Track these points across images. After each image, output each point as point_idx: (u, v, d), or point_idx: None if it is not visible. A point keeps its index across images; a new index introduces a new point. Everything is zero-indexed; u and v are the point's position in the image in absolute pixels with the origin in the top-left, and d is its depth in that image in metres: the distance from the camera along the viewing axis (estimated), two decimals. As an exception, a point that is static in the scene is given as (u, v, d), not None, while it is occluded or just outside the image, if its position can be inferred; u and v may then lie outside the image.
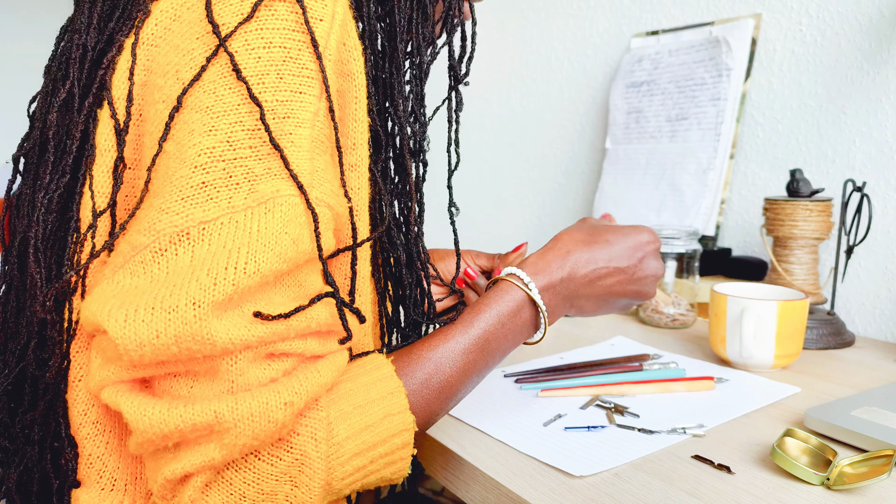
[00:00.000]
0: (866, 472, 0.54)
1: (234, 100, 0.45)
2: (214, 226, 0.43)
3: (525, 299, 0.60)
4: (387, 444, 0.49)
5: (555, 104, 1.61)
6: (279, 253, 0.44)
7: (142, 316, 0.41)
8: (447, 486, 0.63)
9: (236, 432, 0.42)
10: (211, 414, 0.42)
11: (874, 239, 1.03)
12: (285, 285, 0.47)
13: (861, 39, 1.04)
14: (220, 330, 0.42)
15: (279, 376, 0.45)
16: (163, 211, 0.44)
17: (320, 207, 0.47)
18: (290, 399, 0.44)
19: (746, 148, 1.20)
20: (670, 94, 1.29)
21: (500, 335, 0.58)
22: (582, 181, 1.55)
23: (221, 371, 0.43)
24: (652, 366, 0.83)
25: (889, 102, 1.02)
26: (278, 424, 0.43)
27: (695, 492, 0.54)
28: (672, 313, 1.04)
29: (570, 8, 1.55)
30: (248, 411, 0.42)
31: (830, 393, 0.76)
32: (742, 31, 1.19)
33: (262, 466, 0.44)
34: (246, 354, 0.44)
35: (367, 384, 0.50)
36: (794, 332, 0.80)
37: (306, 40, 0.47)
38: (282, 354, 0.46)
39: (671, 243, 1.06)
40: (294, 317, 0.45)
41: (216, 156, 0.44)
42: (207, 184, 0.44)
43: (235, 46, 0.45)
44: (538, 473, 0.57)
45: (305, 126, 0.46)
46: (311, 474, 0.45)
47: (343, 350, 0.51)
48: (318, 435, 0.46)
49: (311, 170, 0.47)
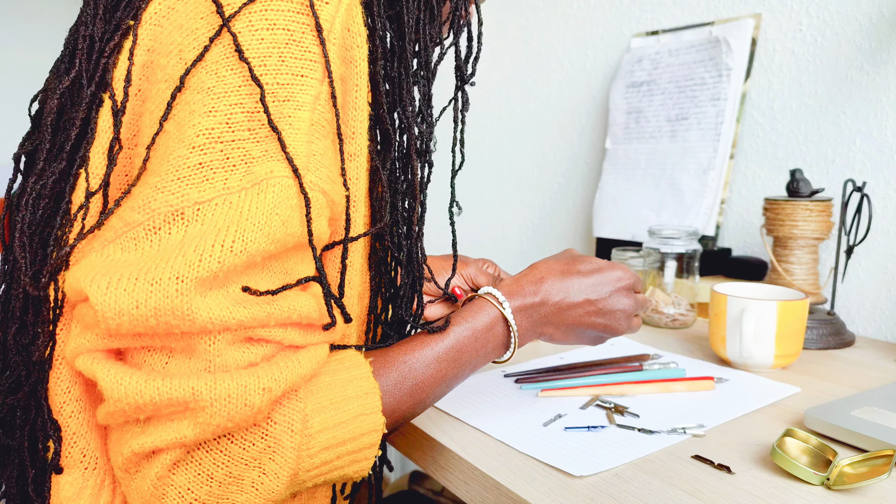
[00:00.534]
0: (866, 472, 0.54)
1: (235, 81, 0.45)
2: (209, 206, 0.44)
3: (499, 317, 0.61)
4: (356, 441, 0.50)
5: (555, 104, 1.61)
6: (268, 233, 0.44)
7: (124, 285, 0.41)
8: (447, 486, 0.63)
9: (212, 412, 0.42)
10: (189, 390, 0.42)
11: (874, 239, 1.03)
12: (271, 270, 0.47)
13: (861, 39, 1.04)
14: (202, 307, 0.42)
15: (258, 361, 0.45)
16: (158, 190, 0.44)
17: (314, 192, 0.47)
18: (268, 385, 0.44)
19: (746, 148, 1.20)
20: (670, 94, 1.29)
21: (473, 348, 0.59)
22: (582, 181, 1.55)
23: (199, 350, 0.43)
24: (652, 366, 0.83)
25: (889, 102, 1.01)
26: (254, 409, 0.43)
27: (695, 492, 0.54)
28: (672, 313, 1.04)
29: (570, 8, 1.55)
30: (226, 392, 0.42)
31: (830, 393, 0.76)
32: (742, 31, 1.19)
33: (233, 450, 0.44)
34: (224, 336, 0.44)
35: (345, 381, 0.51)
36: (794, 332, 0.80)
37: (310, 23, 0.47)
38: (261, 340, 0.46)
39: (671, 243, 1.06)
40: (276, 304, 0.45)
41: (214, 137, 0.44)
42: (204, 165, 0.44)
43: (239, 27, 0.46)
44: (538, 473, 0.57)
45: (305, 109, 0.47)
46: (281, 462, 0.45)
47: (324, 343, 0.51)
48: (294, 426, 0.46)
49: (308, 153, 0.47)
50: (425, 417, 0.69)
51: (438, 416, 0.70)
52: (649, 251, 1.09)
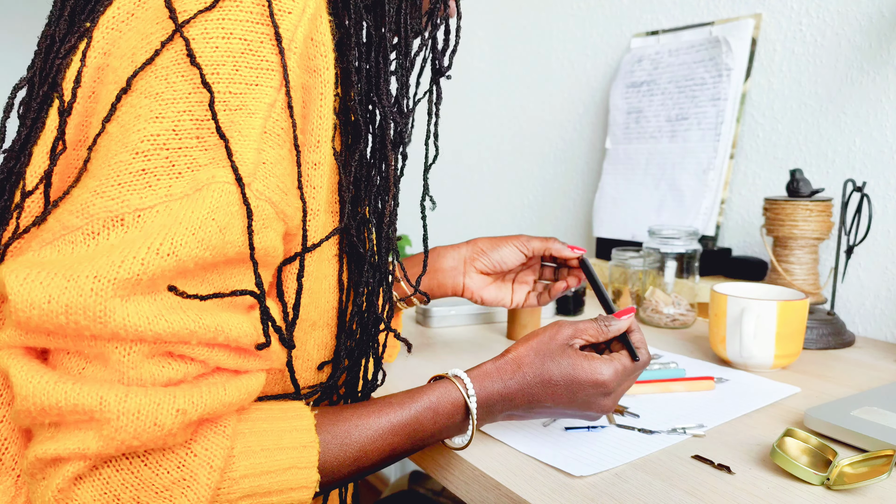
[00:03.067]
0: (866, 472, 0.54)
1: (185, 88, 0.44)
2: (150, 213, 0.42)
3: (462, 405, 0.57)
4: (283, 495, 0.47)
5: (555, 104, 1.61)
6: (202, 239, 0.42)
7: (41, 279, 0.39)
8: (447, 486, 0.63)
9: (117, 425, 0.40)
10: (96, 399, 0.39)
11: (874, 239, 1.03)
12: (210, 283, 0.45)
13: (861, 39, 1.04)
14: (117, 311, 0.39)
15: (180, 379, 0.43)
16: (98, 194, 0.42)
17: (259, 201, 0.45)
18: (183, 407, 0.41)
19: (746, 148, 1.20)
20: (670, 94, 1.29)
21: (429, 429, 0.56)
22: (582, 181, 1.55)
23: (112, 359, 0.41)
24: (652, 366, 0.83)
25: (889, 102, 1.02)
26: (164, 430, 0.41)
27: (695, 492, 0.54)
28: (672, 313, 1.04)
29: (570, 8, 1.55)
30: (136, 407, 0.40)
31: (830, 393, 0.76)
32: (742, 31, 1.19)
33: (145, 474, 0.42)
34: (140, 348, 0.41)
35: (283, 430, 0.48)
36: (794, 332, 0.80)
37: (269, 33, 0.46)
38: (184, 357, 0.44)
39: (671, 243, 1.06)
40: (201, 322, 0.43)
41: (160, 144, 0.43)
42: (148, 171, 0.43)
43: (193, 34, 0.44)
44: (538, 473, 0.57)
45: (258, 117, 0.45)
46: (192, 499, 0.42)
47: (258, 374, 0.48)
48: (214, 463, 0.43)
49: (257, 161, 0.45)
50: (425, 417, 0.69)
51: (438, 416, 0.70)
52: (649, 251, 1.09)
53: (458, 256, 0.83)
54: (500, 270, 0.83)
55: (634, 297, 1.12)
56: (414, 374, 0.82)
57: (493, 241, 0.83)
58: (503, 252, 0.81)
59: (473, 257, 0.83)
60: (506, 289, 0.84)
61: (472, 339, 0.99)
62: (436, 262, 0.82)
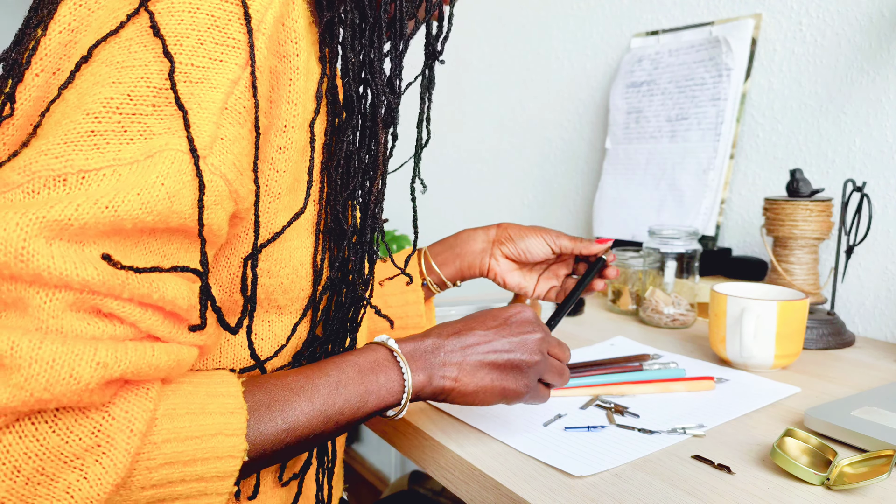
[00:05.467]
0: (866, 472, 0.54)
1: (145, 56, 0.43)
2: (95, 175, 0.40)
3: (386, 354, 0.56)
4: (208, 464, 0.44)
5: (555, 104, 1.61)
6: (146, 201, 0.40)
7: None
8: (447, 486, 0.63)
9: (28, 373, 0.36)
10: (7, 344, 0.36)
11: (874, 239, 1.03)
12: (147, 249, 0.43)
13: (861, 39, 1.04)
14: (42, 252, 0.37)
15: (103, 338, 0.40)
16: (42, 153, 0.40)
17: (213, 176, 0.44)
18: (105, 360, 0.38)
19: (746, 148, 1.20)
20: (670, 94, 1.29)
21: (356, 381, 0.53)
22: (582, 181, 1.55)
23: (32, 306, 0.38)
24: (652, 366, 0.83)
25: (889, 102, 1.02)
26: (81, 383, 0.37)
27: (695, 492, 0.54)
28: (672, 313, 1.04)
29: (570, 8, 1.55)
30: (51, 355, 0.36)
31: (830, 393, 0.76)
32: (742, 31, 1.19)
33: (52, 440, 0.38)
34: (64, 296, 0.38)
35: (208, 394, 0.46)
36: (794, 332, 0.80)
37: (238, 12, 0.46)
38: (112, 316, 0.41)
39: (671, 243, 1.06)
40: (133, 277, 0.40)
41: (112, 107, 0.42)
42: (97, 133, 0.41)
43: (158, 7, 0.44)
44: (538, 473, 0.57)
45: (219, 91, 0.44)
46: (109, 466, 0.39)
47: (190, 347, 0.46)
48: (135, 426, 0.40)
49: (214, 136, 0.44)
50: (425, 417, 0.69)
51: (438, 416, 0.70)
52: (649, 251, 1.09)
53: (487, 238, 0.85)
54: (525, 260, 0.84)
55: (634, 297, 1.12)
56: (414, 374, 0.82)
57: (521, 230, 0.84)
58: (529, 242, 0.83)
59: (500, 241, 0.84)
60: (531, 278, 0.85)
61: (472, 339, 0.98)
62: (466, 245, 0.84)
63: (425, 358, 0.57)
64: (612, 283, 1.15)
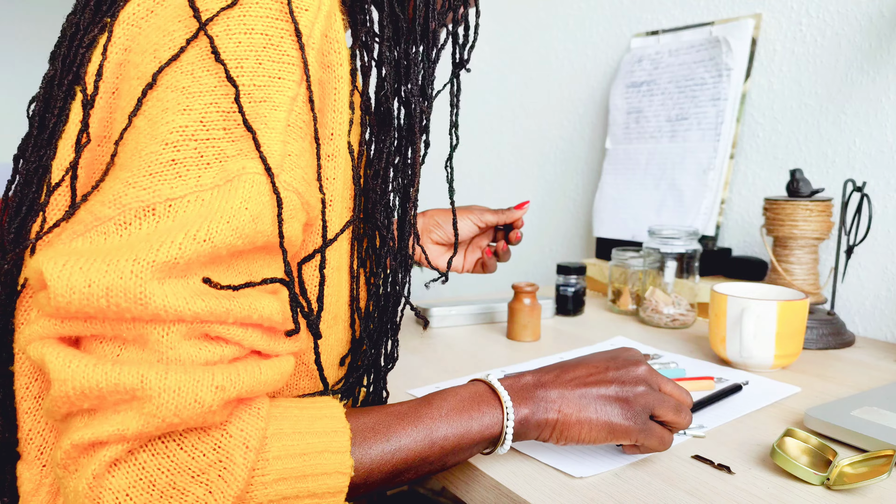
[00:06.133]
0: (866, 472, 0.54)
1: (210, 81, 0.45)
2: (181, 203, 0.43)
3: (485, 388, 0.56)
4: (318, 480, 0.46)
5: (555, 104, 1.61)
6: (236, 227, 0.43)
7: (80, 264, 0.40)
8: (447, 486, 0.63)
9: (159, 402, 0.40)
10: (137, 378, 0.40)
11: (874, 239, 1.03)
12: (237, 270, 0.46)
13: (861, 39, 1.04)
14: (157, 293, 0.40)
15: (216, 361, 0.44)
16: (130, 185, 0.43)
17: (287, 192, 0.47)
18: (222, 383, 0.42)
19: (746, 148, 1.20)
20: (670, 94, 1.29)
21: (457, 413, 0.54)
22: (582, 181, 1.55)
23: (151, 341, 0.42)
24: (652, 366, 0.83)
25: (889, 102, 1.02)
26: (204, 406, 0.41)
27: (695, 492, 0.54)
28: (672, 313, 1.04)
29: (570, 8, 1.55)
30: (176, 384, 0.40)
31: (830, 393, 0.76)
32: (742, 31, 1.19)
33: (181, 457, 0.42)
34: (179, 328, 0.42)
35: (314, 416, 0.49)
36: (794, 332, 0.80)
37: (289, 29, 0.48)
38: (219, 339, 0.44)
39: (671, 243, 1.06)
40: (236, 301, 0.44)
41: (188, 135, 0.44)
42: (177, 161, 0.44)
43: (216, 31, 0.46)
44: (538, 474, 0.57)
45: (281, 109, 0.47)
46: (230, 481, 0.42)
47: (289, 357, 0.49)
48: (250, 443, 0.43)
49: (283, 153, 0.47)
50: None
51: (438, 416, 0.70)
52: (649, 251, 1.09)
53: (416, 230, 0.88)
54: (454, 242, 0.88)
55: (634, 297, 1.12)
56: (414, 374, 0.82)
57: (447, 213, 0.90)
58: (458, 224, 0.87)
59: (429, 229, 0.90)
60: (458, 256, 0.93)
61: (472, 339, 0.99)
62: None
63: (526, 391, 0.57)
64: (612, 283, 1.15)
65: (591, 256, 1.52)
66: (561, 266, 1.12)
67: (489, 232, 0.93)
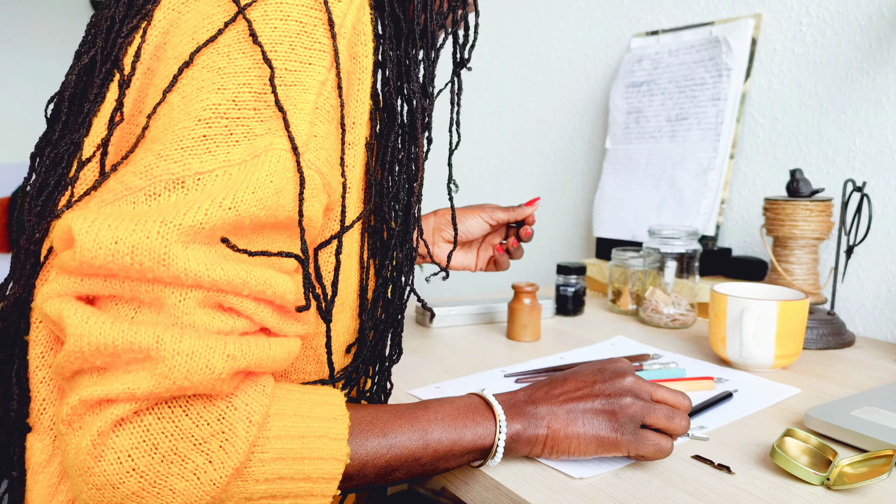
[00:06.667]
0: (866, 472, 0.54)
1: (245, 63, 0.47)
2: (209, 177, 0.44)
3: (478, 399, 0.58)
4: (314, 464, 0.47)
5: (555, 104, 1.61)
6: (260, 198, 0.45)
7: (109, 222, 0.41)
8: (447, 486, 0.63)
9: (172, 364, 0.41)
10: (153, 338, 0.41)
11: (874, 239, 1.03)
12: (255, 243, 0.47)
13: (861, 39, 1.04)
14: (180, 255, 0.41)
15: (228, 331, 0.45)
16: (161, 157, 0.45)
17: (310, 171, 0.48)
18: (233, 353, 0.43)
19: (746, 148, 1.20)
20: (670, 94, 1.29)
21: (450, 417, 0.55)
22: (582, 181, 1.55)
23: (168, 305, 0.43)
24: (652, 366, 0.83)
25: (889, 102, 1.02)
26: (215, 373, 0.42)
27: (695, 492, 0.54)
28: (672, 313, 1.04)
29: (570, 8, 1.55)
30: (190, 348, 0.41)
31: (830, 393, 0.76)
32: (742, 31, 1.19)
33: (185, 423, 0.42)
34: (195, 294, 0.43)
35: (315, 402, 0.50)
36: (794, 332, 0.80)
37: (323, 18, 0.50)
38: (232, 310, 0.45)
39: (671, 243, 1.06)
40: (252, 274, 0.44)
41: (220, 113, 0.46)
42: (208, 137, 0.45)
43: (254, 16, 0.48)
44: (538, 473, 0.57)
45: (311, 92, 0.48)
46: (231, 453, 0.43)
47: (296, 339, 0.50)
48: (253, 417, 0.44)
49: (309, 134, 0.48)
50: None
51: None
52: (649, 251, 1.09)
53: (427, 227, 0.91)
54: (466, 240, 0.91)
55: (634, 297, 1.12)
56: (414, 374, 0.82)
57: (459, 213, 0.90)
58: (469, 223, 0.89)
59: (441, 227, 0.91)
60: (471, 255, 0.93)
61: (472, 339, 0.99)
62: None
63: (519, 407, 0.58)
64: (612, 283, 1.15)
65: (591, 256, 1.52)
66: (561, 266, 1.12)
67: (501, 230, 0.93)
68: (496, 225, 0.90)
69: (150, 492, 0.42)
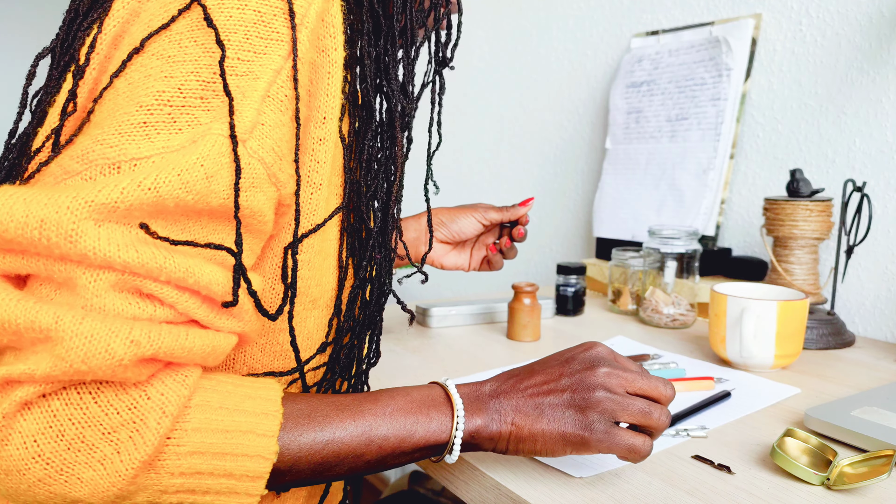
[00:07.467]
0: (866, 472, 0.54)
1: (195, 52, 0.46)
2: (145, 163, 0.43)
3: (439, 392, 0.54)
4: (237, 461, 0.45)
5: (555, 104, 1.61)
6: (186, 181, 0.43)
7: (24, 196, 0.40)
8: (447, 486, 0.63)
9: (69, 346, 0.39)
10: (52, 318, 0.39)
11: (874, 239, 1.03)
12: (185, 229, 0.45)
13: (861, 39, 1.04)
14: (89, 233, 0.40)
15: (145, 319, 0.43)
16: (98, 142, 0.43)
17: (251, 159, 0.46)
18: (138, 339, 0.41)
19: (746, 148, 1.20)
20: (670, 94, 1.29)
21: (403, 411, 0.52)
22: (582, 181, 1.55)
23: (79, 286, 0.41)
24: (652, 366, 0.83)
25: (889, 102, 1.02)
26: (115, 358, 0.40)
27: (695, 492, 0.54)
28: (672, 313, 1.04)
29: (570, 8, 1.55)
30: (90, 330, 0.39)
31: (830, 393, 0.76)
32: (742, 31, 1.19)
33: (93, 411, 0.41)
34: (107, 276, 0.41)
35: (246, 394, 0.47)
36: (794, 332, 0.80)
37: (284, 8, 0.48)
38: (152, 296, 0.43)
39: (671, 243, 1.06)
40: (173, 259, 0.42)
41: (164, 100, 0.44)
42: (149, 124, 0.44)
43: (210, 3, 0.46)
44: (538, 473, 0.57)
45: (262, 80, 0.46)
46: (139, 445, 0.41)
47: (228, 335, 0.47)
48: (167, 409, 0.42)
49: (255, 121, 0.46)
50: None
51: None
52: (649, 251, 1.09)
53: (419, 227, 0.90)
54: (458, 240, 0.91)
55: (634, 297, 1.12)
56: (414, 374, 0.82)
57: (452, 212, 0.90)
58: (462, 223, 0.89)
59: (434, 227, 0.90)
60: (464, 255, 0.93)
61: (472, 339, 0.99)
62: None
63: (483, 401, 0.54)
64: (612, 283, 1.15)
65: (591, 256, 1.52)
66: (561, 266, 1.12)
67: (494, 230, 0.93)
68: (489, 225, 0.91)
69: (56, 479, 0.41)
